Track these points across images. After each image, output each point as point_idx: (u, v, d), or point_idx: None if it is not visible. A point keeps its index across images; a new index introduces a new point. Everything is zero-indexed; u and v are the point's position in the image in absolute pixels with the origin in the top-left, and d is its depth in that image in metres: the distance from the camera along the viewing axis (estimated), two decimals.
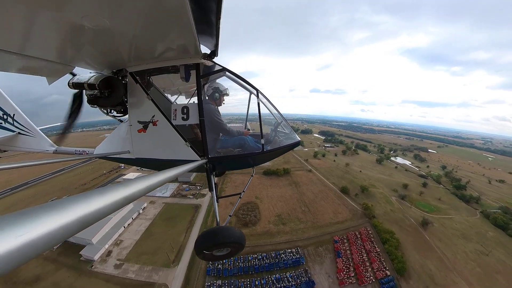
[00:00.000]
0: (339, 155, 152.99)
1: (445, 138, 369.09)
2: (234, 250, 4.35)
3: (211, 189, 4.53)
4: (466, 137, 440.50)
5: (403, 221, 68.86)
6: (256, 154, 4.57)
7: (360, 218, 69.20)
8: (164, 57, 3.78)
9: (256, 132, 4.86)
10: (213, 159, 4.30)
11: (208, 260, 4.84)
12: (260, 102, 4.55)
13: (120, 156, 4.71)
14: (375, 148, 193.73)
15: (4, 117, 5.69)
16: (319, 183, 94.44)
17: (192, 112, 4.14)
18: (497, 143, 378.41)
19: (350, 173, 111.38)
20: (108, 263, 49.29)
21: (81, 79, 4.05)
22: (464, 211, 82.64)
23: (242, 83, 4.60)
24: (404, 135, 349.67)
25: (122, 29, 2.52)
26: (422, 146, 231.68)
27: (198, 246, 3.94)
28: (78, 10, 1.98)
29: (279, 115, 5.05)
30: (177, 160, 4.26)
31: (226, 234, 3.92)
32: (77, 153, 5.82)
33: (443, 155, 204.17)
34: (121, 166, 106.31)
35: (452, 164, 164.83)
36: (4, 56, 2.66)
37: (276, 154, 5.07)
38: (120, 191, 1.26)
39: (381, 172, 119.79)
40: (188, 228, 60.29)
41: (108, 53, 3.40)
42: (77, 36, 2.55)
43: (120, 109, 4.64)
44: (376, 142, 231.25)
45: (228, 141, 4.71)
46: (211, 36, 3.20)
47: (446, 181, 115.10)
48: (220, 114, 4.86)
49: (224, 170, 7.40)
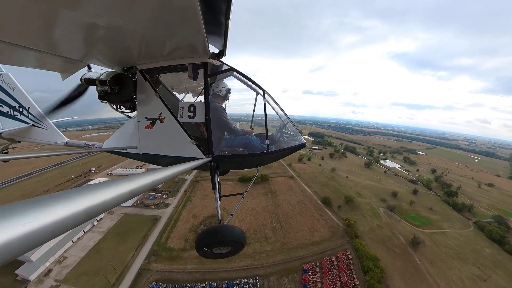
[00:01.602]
0: (326, 159, 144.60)
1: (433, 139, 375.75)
2: (234, 249, 4.34)
3: (214, 187, 4.45)
4: (452, 139, 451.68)
5: (390, 240, 59.58)
6: (260, 155, 4.61)
7: (341, 238, 59.13)
8: (173, 55, 3.82)
9: (261, 132, 4.87)
10: (217, 157, 4.32)
11: (208, 258, 4.40)
12: (267, 103, 4.58)
13: (127, 151, 4.83)
14: (364, 151, 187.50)
15: (20, 109, 6.18)
16: (299, 193, 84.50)
17: (199, 110, 4.17)
18: (481, 144, 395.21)
19: (335, 179, 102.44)
20: (44, 285, 43.07)
21: (93, 75, 4.07)
22: (457, 222, 74.89)
23: (249, 83, 4.62)
24: (394, 137, 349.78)
25: (133, 28, 2.59)
26: (411, 148, 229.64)
27: (198, 243, 3.95)
28: (93, 9, 2.06)
29: (285, 116, 5.10)
30: (182, 157, 4.30)
31: (226, 233, 3.96)
32: (87, 146, 6.04)
33: (432, 157, 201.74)
34: (91, 170, 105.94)
35: (441, 167, 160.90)
36: (22, 51, 2.78)
37: (280, 155, 5.01)
38: (125, 185, 1.30)
39: (369, 178, 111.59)
40: (139, 245, 53.22)
41: (119, 51, 3.48)
42: (91, 34, 2.65)
43: (129, 105, 4.67)
44: (365, 144, 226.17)
45: (233, 140, 4.80)
46: (220, 36, 3.24)
47: (437, 187, 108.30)
48: (226, 112, 4.86)
49: (228, 169, 6.92)
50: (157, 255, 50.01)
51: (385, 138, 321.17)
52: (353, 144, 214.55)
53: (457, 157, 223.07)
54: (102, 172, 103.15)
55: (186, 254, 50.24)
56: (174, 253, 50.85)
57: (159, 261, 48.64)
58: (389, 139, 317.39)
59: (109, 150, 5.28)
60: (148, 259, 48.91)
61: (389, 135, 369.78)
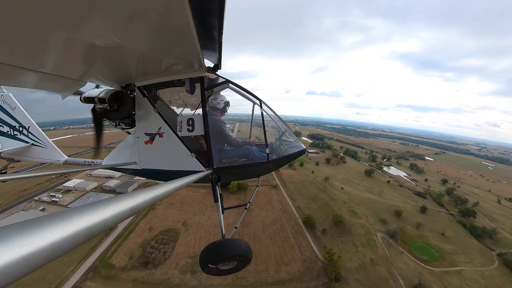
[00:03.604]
0: (322, 164, 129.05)
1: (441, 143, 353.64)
2: (240, 264, 4.22)
3: (216, 200, 4.40)
4: (461, 143, 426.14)
5: (386, 285, 44.24)
6: (261, 164, 4.57)
7: (316, 278, 43.90)
8: (170, 71, 3.90)
9: (261, 141, 4.89)
10: (218, 169, 4.30)
11: (214, 275, 4.24)
12: (264, 112, 4.59)
13: (127, 167, 4.77)
14: (367, 155, 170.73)
15: (20, 129, 6.28)
16: (278, 208, 69.69)
17: (197, 124, 4.18)
18: (492, 149, 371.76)
19: (327, 191, 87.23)
20: None
21: (92, 94, 4.10)
22: (476, 254, 58.79)
23: (246, 94, 4.66)
24: (399, 140, 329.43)
25: (131, 47, 2.67)
26: (418, 153, 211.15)
27: (203, 260, 3.84)
28: (91, 30, 2.13)
29: (283, 124, 5.15)
30: (183, 171, 4.29)
31: (232, 247, 3.86)
32: (86, 164, 5.98)
33: (441, 164, 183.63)
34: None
35: (452, 175, 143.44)
36: (22, 73, 2.87)
37: (281, 163, 4.98)
38: (126, 202, 1.28)
39: (368, 189, 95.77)
40: (84, 257, 48.83)
41: (117, 69, 3.60)
42: (90, 54, 2.74)
43: (128, 121, 4.68)
44: (368, 148, 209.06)
45: (233, 151, 4.78)
46: (214, 51, 3.33)
47: (449, 202, 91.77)
48: (225, 124, 4.91)
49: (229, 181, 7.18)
50: (96, 272, 45.60)
51: (390, 141, 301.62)
52: (355, 148, 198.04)
53: (469, 164, 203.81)
54: (81, 174, 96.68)
55: (124, 275, 45.18)
56: (112, 271, 45.93)
57: (95, 279, 44.30)
58: (394, 142, 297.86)
59: (109, 167, 5.08)
60: (86, 275, 44.74)
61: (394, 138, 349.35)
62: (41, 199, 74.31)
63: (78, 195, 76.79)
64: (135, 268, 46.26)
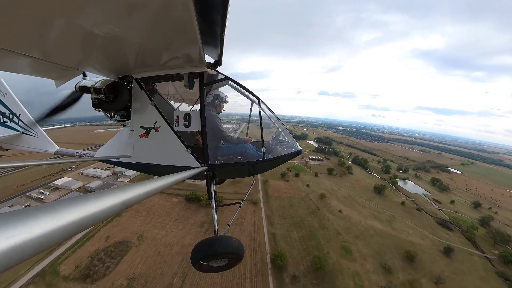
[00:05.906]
0: (323, 175, 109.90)
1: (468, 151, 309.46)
2: (232, 262, 4.25)
3: (210, 197, 4.43)
4: (492, 151, 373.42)
5: None
6: (256, 163, 4.63)
7: None
8: (169, 65, 3.87)
9: (257, 140, 4.95)
10: (213, 166, 4.33)
11: (205, 272, 4.29)
12: (262, 111, 4.65)
13: (121, 160, 4.77)
14: (379, 164, 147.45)
15: (10, 116, 6.08)
16: (248, 232, 53.48)
17: (194, 119, 4.20)
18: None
19: (320, 213, 68.96)
20: None
21: (88, 83, 4.07)
22: None
23: (244, 92, 4.68)
24: (419, 146, 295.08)
25: (130, 37, 2.61)
26: (441, 163, 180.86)
27: (194, 256, 3.83)
28: (90, 18, 2.08)
29: (281, 124, 5.21)
30: (178, 166, 4.29)
31: (223, 244, 3.88)
32: (78, 155, 5.88)
33: (470, 178, 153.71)
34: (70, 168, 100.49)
35: (486, 194, 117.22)
36: (16, 58, 2.77)
37: (276, 163, 5.05)
38: (118, 196, 1.25)
39: (375, 214, 75.65)
40: (39, 260, 46.50)
41: (115, 60, 3.52)
42: (87, 43, 2.66)
43: (124, 113, 4.67)
44: (382, 155, 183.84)
45: (229, 148, 4.80)
46: (216, 47, 3.32)
47: (485, 238, 69.33)
48: (221, 121, 4.94)
49: (224, 178, 7.33)
50: (41, 277, 43.86)
51: (408, 148, 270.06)
52: (366, 155, 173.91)
53: (505, 178, 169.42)
54: (75, 172, 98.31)
55: (63, 285, 42.64)
56: (55, 279, 43.75)
57: (37, 284, 42.37)
58: (412, 148, 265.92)
59: (102, 159, 5.06)
60: (33, 279, 43.30)
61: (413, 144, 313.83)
62: (30, 195, 74.29)
63: (63, 193, 76.69)
64: (75, 279, 43.39)
